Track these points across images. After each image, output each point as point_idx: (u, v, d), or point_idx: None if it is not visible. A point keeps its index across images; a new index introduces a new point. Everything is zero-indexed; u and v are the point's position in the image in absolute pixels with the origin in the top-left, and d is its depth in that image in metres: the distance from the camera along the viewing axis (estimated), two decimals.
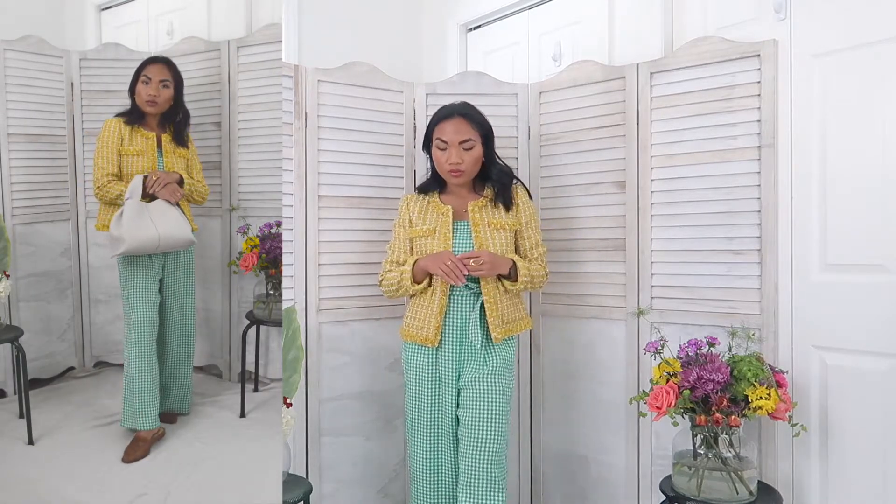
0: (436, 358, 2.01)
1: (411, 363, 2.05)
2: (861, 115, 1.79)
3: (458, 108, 2.02)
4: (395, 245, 2.09)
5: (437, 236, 1.99)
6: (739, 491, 1.74)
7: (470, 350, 1.98)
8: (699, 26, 2.14)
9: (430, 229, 2.01)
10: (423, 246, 2.01)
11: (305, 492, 1.89)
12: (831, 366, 1.86)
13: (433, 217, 2.03)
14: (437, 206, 2.04)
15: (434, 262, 1.92)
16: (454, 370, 1.99)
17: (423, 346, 2.01)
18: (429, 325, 1.98)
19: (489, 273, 1.91)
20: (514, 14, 2.73)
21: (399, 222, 2.10)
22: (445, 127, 1.99)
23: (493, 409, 1.94)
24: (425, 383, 2.02)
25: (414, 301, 2.05)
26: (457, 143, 1.97)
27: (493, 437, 1.93)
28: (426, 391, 2.02)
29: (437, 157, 2.03)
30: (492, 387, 1.95)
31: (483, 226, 2.00)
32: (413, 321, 2.03)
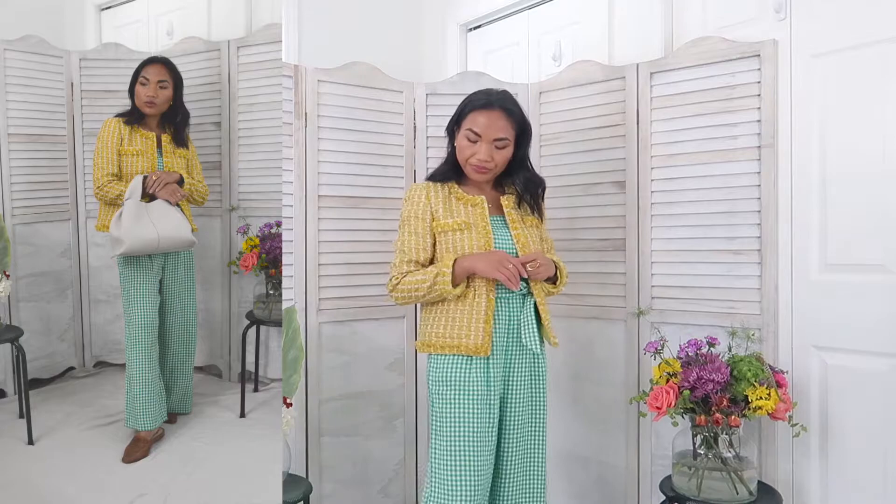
0: (486, 369, 1.74)
1: (450, 379, 1.73)
2: (861, 115, 1.79)
3: (500, 99, 1.80)
4: (410, 241, 1.79)
5: (475, 231, 1.77)
6: (739, 491, 1.74)
7: (520, 357, 1.79)
8: (699, 26, 2.14)
9: (465, 223, 1.77)
10: (457, 242, 1.76)
11: (305, 492, 1.89)
12: (831, 366, 1.86)
13: (463, 209, 1.80)
14: (464, 197, 1.82)
15: (489, 264, 1.69)
16: (501, 381, 1.78)
17: (469, 358, 1.73)
18: (476, 331, 1.72)
19: (542, 276, 1.76)
20: (514, 14, 2.73)
21: (415, 214, 1.80)
22: (481, 118, 1.77)
23: (540, 426, 1.84)
24: (475, 400, 1.71)
25: (445, 307, 1.77)
26: (490, 139, 1.76)
27: (541, 455, 1.83)
28: (477, 409, 1.71)
29: (462, 147, 1.80)
30: (543, 396, 1.83)
31: (520, 223, 1.83)
32: (451, 329, 1.75)
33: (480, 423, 1.71)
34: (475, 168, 1.80)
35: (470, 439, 1.70)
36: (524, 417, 1.82)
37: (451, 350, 1.74)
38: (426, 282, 1.73)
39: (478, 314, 1.73)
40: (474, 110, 1.79)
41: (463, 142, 1.80)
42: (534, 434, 1.84)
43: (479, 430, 1.71)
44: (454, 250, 1.77)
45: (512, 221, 1.82)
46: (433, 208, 1.80)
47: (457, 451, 1.70)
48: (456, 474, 1.69)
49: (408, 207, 1.83)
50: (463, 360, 1.73)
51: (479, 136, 1.77)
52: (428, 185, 1.85)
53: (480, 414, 1.71)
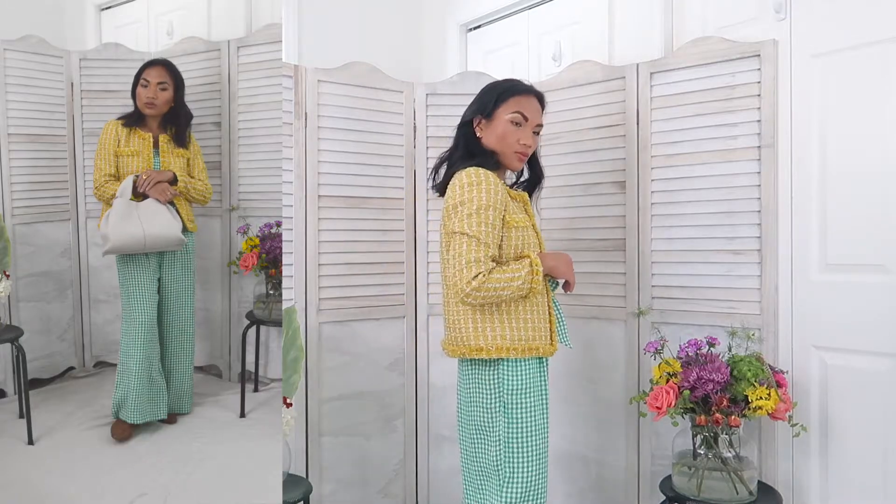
0: (547, 368, 1.72)
1: (533, 384, 1.66)
2: (861, 115, 1.79)
3: (537, 91, 1.79)
4: (489, 234, 1.59)
5: (531, 230, 1.72)
6: (739, 491, 1.74)
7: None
8: (699, 26, 2.14)
9: (526, 220, 1.71)
10: (524, 240, 1.67)
11: (305, 492, 1.89)
12: (831, 366, 1.86)
13: (516, 205, 1.73)
14: (512, 193, 1.75)
15: (567, 265, 1.70)
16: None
17: (540, 360, 1.69)
18: (544, 331, 1.68)
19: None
20: (514, 14, 2.73)
21: (494, 205, 1.60)
22: (526, 102, 1.73)
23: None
24: (547, 404, 1.70)
25: (510, 307, 1.65)
26: (534, 124, 1.74)
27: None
28: (547, 414, 1.70)
29: (505, 133, 1.71)
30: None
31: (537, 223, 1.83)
32: (522, 331, 1.65)
33: (548, 426, 1.70)
34: (519, 155, 1.72)
35: (545, 444, 1.69)
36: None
37: (526, 353, 1.64)
38: (518, 279, 1.58)
39: (543, 314, 1.68)
40: (518, 94, 1.73)
41: (508, 127, 1.71)
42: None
43: (548, 434, 1.71)
44: (517, 249, 1.66)
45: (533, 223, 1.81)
46: (505, 200, 1.65)
47: (539, 458, 1.66)
48: (538, 481, 1.66)
49: (482, 195, 1.59)
50: (537, 362, 1.67)
51: (526, 119, 1.71)
52: (490, 173, 1.65)
53: (548, 417, 1.70)
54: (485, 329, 1.65)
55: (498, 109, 1.72)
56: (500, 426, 1.65)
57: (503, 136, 1.71)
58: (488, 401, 1.66)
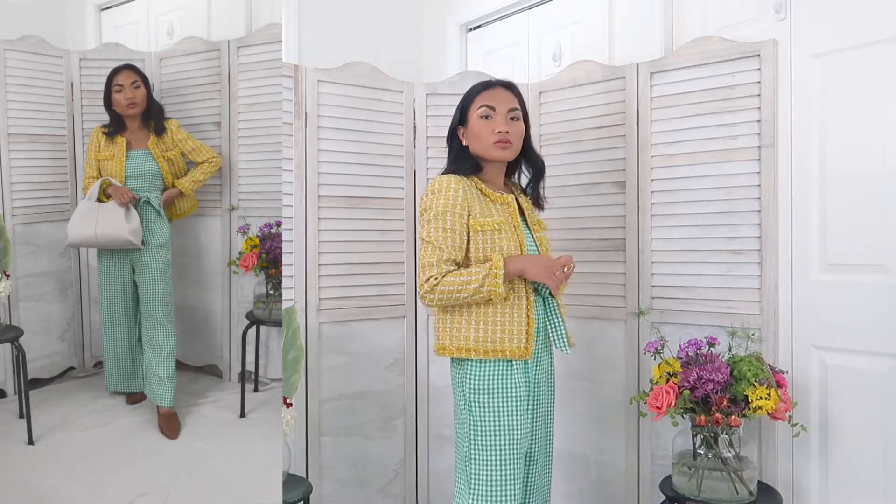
0: (525, 373, 1.70)
1: (494, 385, 1.66)
2: (861, 115, 1.79)
3: (499, 80, 1.79)
4: (446, 238, 1.65)
5: (509, 232, 1.69)
6: (739, 491, 1.74)
7: (545, 360, 1.78)
8: (699, 26, 2.14)
9: (501, 222, 1.69)
10: (494, 242, 1.67)
11: (305, 492, 1.89)
12: (831, 366, 1.86)
13: (494, 208, 1.71)
14: (492, 195, 1.73)
15: (542, 269, 1.64)
16: (534, 385, 1.76)
17: (511, 362, 1.67)
18: (518, 335, 1.66)
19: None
20: (514, 14, 2.73)
21: (451, 210, 1.66)
22: (490, 94, 1.73)
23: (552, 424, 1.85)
24: (517, 406, 1.66)
25: (482, 309, 1.68)
26: (505, 110, 1.71)
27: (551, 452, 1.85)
28: (518, 415, 1.66)
29: (478, 128, 1.72)
30: (552, 400, 1.84)
31: (535, 225, 1.81)
32: (491, 333, 1.66)
33: (521, 429, 1.67)
34: (499, 143, 1.71)
35: (512, 447, 1.66)
36: (548, 421, 1.83)
37: (493, 355, 1.66)
38: (474, 282, 1.61)
39: (519, 317, 1.67)
40: (482, 91, 1.76)
41: (478, 124, 1.73)
42: (552, 437, 1.86)
43: (520, 437, 1.67)
44: (486, 252, 1.67)
45: (532, 224, 1.81)
46: (469, 204, 1.68)
47: (501, 460, 1.65)
48: (499, 483, 1.64)
49: (440, 201, 1.66)
50: (505, 364, 1.67)
51: (493, 109, 1.72)
52: (458, 179, 1.70)
53: (521, 420, 1.67)
54: (451, 329, 1.70)
55: (469, 113, 1.76)
56: (467, 425, 1.68)
57: (478, 134, 1.73)
58: (458, 399, 1.73)
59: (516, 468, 1.66)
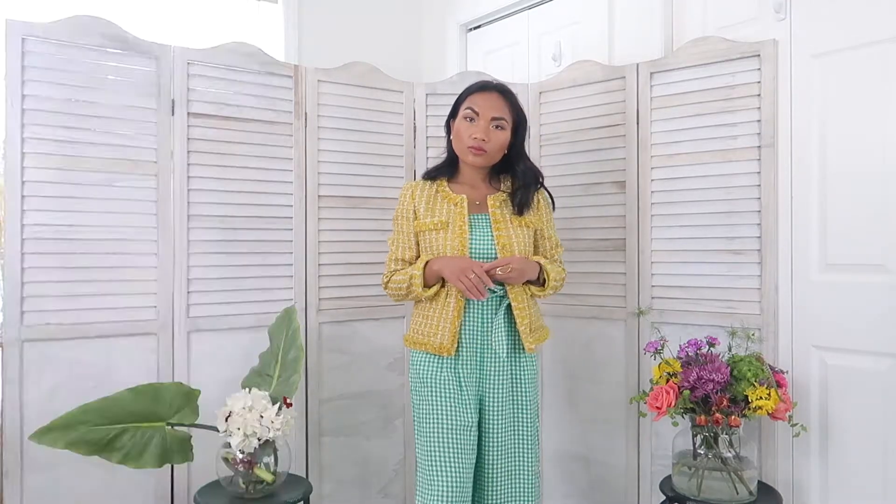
0: (455, 369, 1.74)
1: (423, 376, 1.75)
2: (861, 115, 1.79)
3: (497, 84, 1.82)
4: (397, 240, 1.82)
5: (451, 231, 1.74)
6: (739, 491, 1.74)
7: (494, 360, 1.76)
8: (699, 26, 2.14)
9: (442, 222, 1.76)
10: (434, 242, 1.76)
11: (305, 492, 1.89)
12: (831, 366, 1.86)
13: (443, 208, 1.77)
14: (448, 196, 1.79)
15: (453, 271, 1.67)
16: (476, 382, 1.76)
17: (439, 357, 1.74)
18: (443, 331, 1.73)
19: (519, 280, 1.72)
20: (514, 14, 2.73)
21: (402, 213, 1.81)
22: (480, 98, 1.76)
23: (526, 428, 1.79)
24: (446, 399, 1.71)
25: (424, 305, 1.79)
26: (489, 117, 1.74)
27: (529, 457, 1.80)
28: (449, 408, 1.71)
29: (459, 130, 1.77)
30: (528, 399, 1.79)
31: (505, 222, 1.77)
32: (423, 327, 1.77)
33: (454, 422, 1.70)
34: (472, 149, 1.75)
35: (445, 437, 1.70)
36: (505, 421, 1.78)
37: (422, 347, 1.76)
38: (404, 282, 1.76)
39: (446, 315, 1.74)
40: (474, 93, 1.79)
41: (461, 124, 1.77)
42: (518, 437, 1.80)
43: (453, 429, 1.70)
44: (431, 250, 1.77)
45: (496, 221, 1.77)
46: (416, 207, 1.80)
47: (434, 449, 1.70)
48: (434, 471, 1.68)
49: (398, 206, 1.84)
50: (433, 358, 1.75)
51: (477, 114, 1.75)
52: (416, 183, 1.85)
53: (453, 413, 1.71)
54: (412, 322, 1.85)
55: (459, 109, 1.80)
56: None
57: (457, 134, 1.79)
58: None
59: (449, 460, 1.68)
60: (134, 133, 2.00)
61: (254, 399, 1.78)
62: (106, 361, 1.95)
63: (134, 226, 1.99)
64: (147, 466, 1.75)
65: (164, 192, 2.02)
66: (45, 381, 1.88)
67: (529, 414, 1.81)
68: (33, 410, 1.85)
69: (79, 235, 1.92)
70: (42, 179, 1.88)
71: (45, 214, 1.88)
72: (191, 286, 2.06)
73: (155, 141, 2.01)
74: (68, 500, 1.90)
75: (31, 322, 1.86)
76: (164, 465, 1.78)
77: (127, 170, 1.98)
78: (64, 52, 1.90)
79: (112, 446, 1.73)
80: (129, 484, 1.97)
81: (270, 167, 2.19)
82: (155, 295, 2.02)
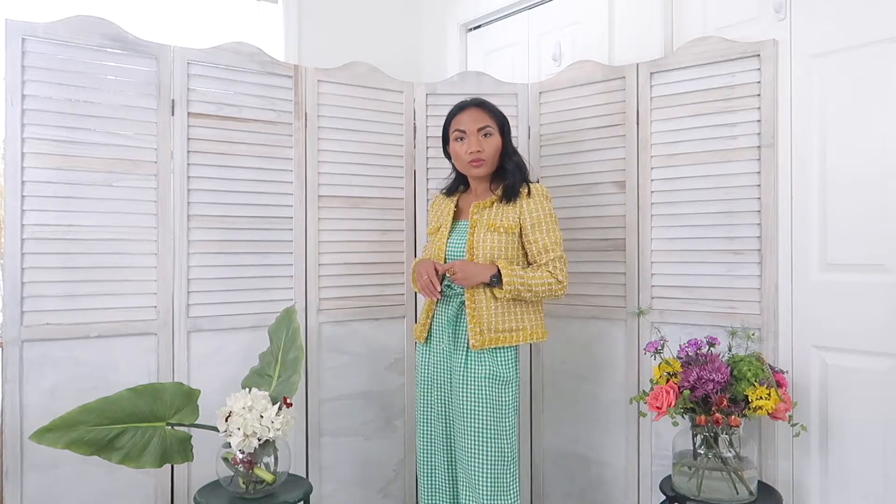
0: (427, 356, 1.96)
1: (417, 360, 2.02)
2: (861, 115, 1.79)
3: (472, 100, 1.96)
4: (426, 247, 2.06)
5: (438, 235, 1.96)
6: (739, 491, 1.74)
7: (462, 356, 1.86)
8: (699, 26, 2.14)
9: (436, 228, 1.99)
10: (429, 245, 2.01)
11: (305, 492, 1.89)
12: (831, 366, 1.86)
13: (442, 215, 2.01)
14: (448, 204, 2.01)
15: (416, 271, 1.90)
16: (445, 372, 1.91)
17: (421, 344, 1.99)
18: (421, 321, 1.99)
19: (465, 283, 1.81)
20: (514, 14, 2.73)
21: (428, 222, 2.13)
22: (461, 117, 1.93)
23: (479, 421, 1.80)
24: (420, 381, 1.98)
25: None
26: (475, 130, 1.90)
27: (485, 449, 1.79)
28: (421, 390, 1.97)
29: (456, 151, 1.94)
30: (475, 397, 1.81)
31: (479, 227, 1.87)
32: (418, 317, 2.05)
33: (425, 404, 1.96)
34: (471, 162, 1.91)
35: (420, 419, 1.97)
36: (459, 419, 1.84)
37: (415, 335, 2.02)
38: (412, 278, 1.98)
39: (426, 308, 1.97)
40: (455, 115, 1.95)
41: (455, 146, 1.94)
42: (471, 438, 1.81)
43: (424, 411, 1.96)
44: (427, 252, 1.99)
45: (472, 226, 1.89)
46: (430, 217, 2.07)
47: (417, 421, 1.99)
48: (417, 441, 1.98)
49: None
50: (421, 346, 1.99)
51: (464, 132, 1.92)
52: (438, 196, 2.09)
53: (424, 396, 1.96)
54: None
55: (448, 135, 1.97)
56: None
57: (456, 155, 1.96)
58: None
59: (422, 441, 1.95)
60: (134, 133, 1.99)
61: (254, 399, 1.78)
62: (106, 361, 1.95)
63: (134, 226, 1.99)
64: (147, 466, 1.74)
65: (164, 192, 2.02)
66: (45, 381, 1.87)
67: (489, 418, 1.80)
68: (33, 410, 1.85)
69: (78, 235, 1.92)
70: (42, 179, 1.87)
71: (44, 214, 1.88)
72: (191, 286, 2.06)
73: (155, 141, 2.01)
74: (68, 500, 1.90)
75: (30, 322, 1.86)
76: (164, 465, 1.78)
77: (127, 170, 1.97)
78: (64, 51, 1.90)
79: (112, 446, 1.72)
80: (129, 484, 1.97)
81: (270, 167, 2.19)
82: (155, 295, 2.01)
